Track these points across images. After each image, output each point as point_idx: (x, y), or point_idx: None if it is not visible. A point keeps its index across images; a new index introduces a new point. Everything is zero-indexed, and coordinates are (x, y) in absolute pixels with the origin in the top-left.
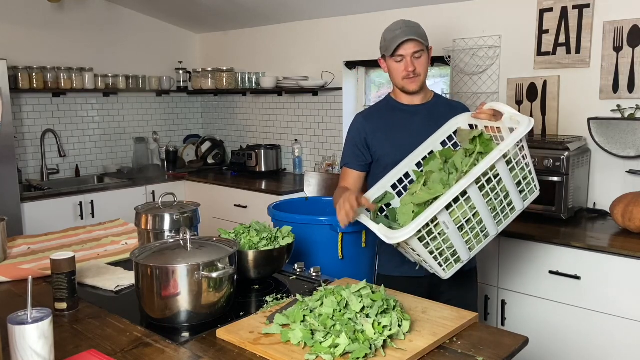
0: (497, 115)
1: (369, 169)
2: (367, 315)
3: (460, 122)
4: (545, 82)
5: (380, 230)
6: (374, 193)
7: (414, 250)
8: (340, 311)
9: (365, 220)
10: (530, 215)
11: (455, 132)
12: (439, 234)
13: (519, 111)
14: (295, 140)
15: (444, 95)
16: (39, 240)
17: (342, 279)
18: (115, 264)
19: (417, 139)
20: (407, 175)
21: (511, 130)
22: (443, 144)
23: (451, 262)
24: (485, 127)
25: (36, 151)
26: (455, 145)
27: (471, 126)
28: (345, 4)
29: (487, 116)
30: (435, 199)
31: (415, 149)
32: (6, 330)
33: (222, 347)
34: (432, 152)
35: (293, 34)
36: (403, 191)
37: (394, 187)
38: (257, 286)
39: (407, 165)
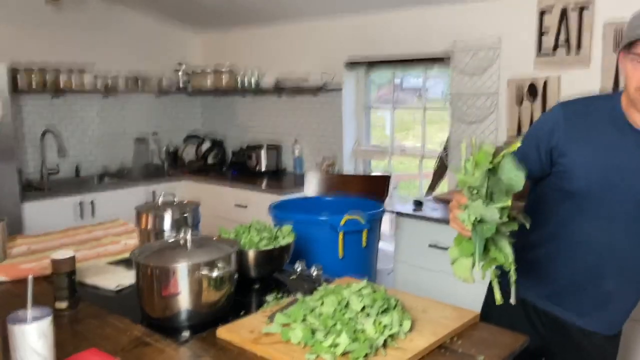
0: None
1: (537, 181)
2: (368, 315)
3: None
4: (545, 83)
5: None
6: None
7: None
8: (340, 310)
9: None
10: None
11: None
12: None
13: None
14: (296, 140)
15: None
16: (39, 240)
17: (342, 278)
18: (116, 263)
19: (627, 186)
20: None
21: None
22: None
23: None
24: None
25: (36, 151)
26: None
27: None
28: (345, 4)
29: None
30: None
31: (631, 195)
32: (6, 330)
33: (223, 347)
34: None
35: (293, 34)
36: None
37: None
38: (258, 285)
39: None
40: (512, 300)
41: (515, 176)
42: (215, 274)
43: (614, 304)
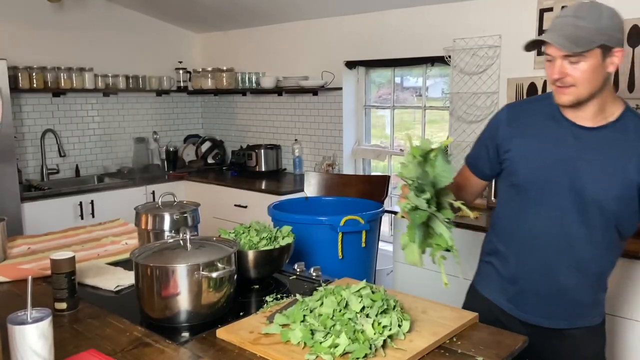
0: None
1: (491, 179)
2: (367, 315)
3: None
4: (545, 82)
5: None
6: None
7: None
8: (340, 311)
9: None
10: None
11: None
12: None
13: None
14: (295, 140)
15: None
16: (39, 240)
17: (342, 279)
18: (115, 263)
19: (569, 176)
20: None
21: None
22: None
23: None
24: None
25: (36, 151)
26: None
27: None
28: (345, 4)
29: None
30: None
31: (576, 185)
32: (6, 330)
33: (222, 347)
34: None
35: (293, 34)
36: None
37: None
38: (257, 286)
39: None
40: (460, 277)
41: (443, 171)
42: (214, 274)
43: (571, 298)
